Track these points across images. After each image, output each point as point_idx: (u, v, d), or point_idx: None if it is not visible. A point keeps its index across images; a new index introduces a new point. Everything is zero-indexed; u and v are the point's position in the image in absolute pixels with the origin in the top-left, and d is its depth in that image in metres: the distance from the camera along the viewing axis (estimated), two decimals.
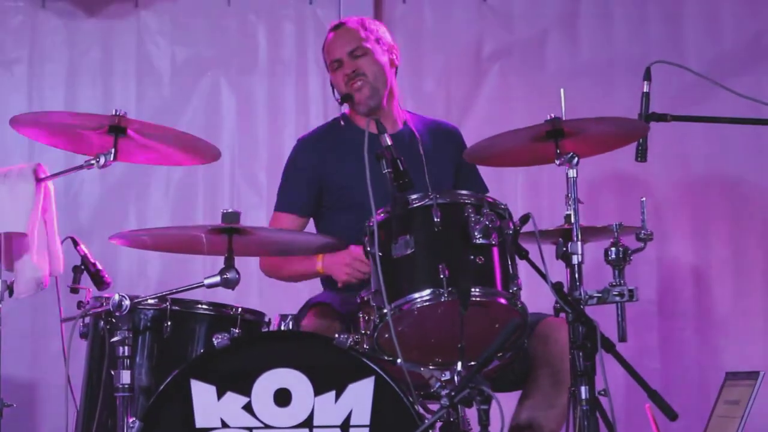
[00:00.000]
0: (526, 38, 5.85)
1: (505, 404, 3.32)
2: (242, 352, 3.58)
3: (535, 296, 3.76)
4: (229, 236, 3.67)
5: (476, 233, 3.54)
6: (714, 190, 5.72)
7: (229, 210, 3.63)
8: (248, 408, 3.52)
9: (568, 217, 3.73)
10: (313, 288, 4.54)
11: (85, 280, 4.08)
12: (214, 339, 3.54)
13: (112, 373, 3.62)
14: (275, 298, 5.07)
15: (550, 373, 3.94)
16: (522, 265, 3.64)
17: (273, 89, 5.81)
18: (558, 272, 3.64)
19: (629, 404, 5.03)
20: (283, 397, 3.52)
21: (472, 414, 3.40)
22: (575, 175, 3.67)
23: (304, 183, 4.43)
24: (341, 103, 4.43)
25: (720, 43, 5.77)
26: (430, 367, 3.62)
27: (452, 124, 4.70)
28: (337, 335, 3.54)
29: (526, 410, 3.98)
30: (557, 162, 3.69)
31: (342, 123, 4.48)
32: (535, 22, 5.85)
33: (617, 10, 5.84)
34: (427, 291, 3.51)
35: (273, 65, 5.83)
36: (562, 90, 3.80)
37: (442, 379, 3.47)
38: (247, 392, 3.52)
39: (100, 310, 3.74)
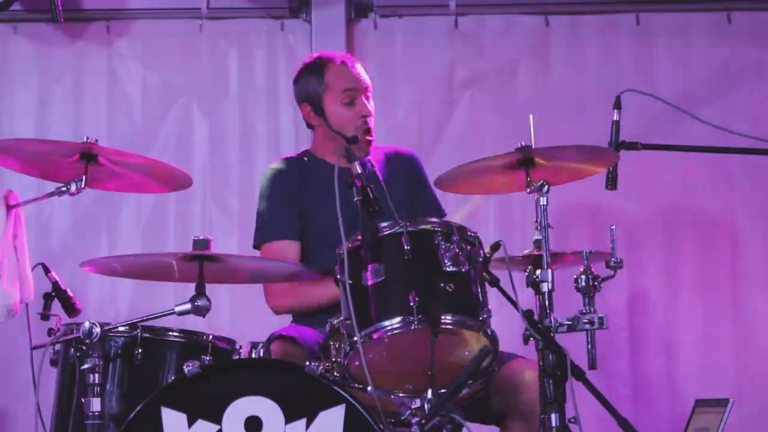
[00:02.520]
0: (498, 66, 5.87)
1: None
2: (213, 379, 3.55)
3: (506, 324, 3.76)
4: (200, 263, 3.67)
5: (446, 261, 3.54)
6: (683, 218, 5.74)
7: (200, 237, 3.63)
8: None
9: (537, 242, 3.74)
10: (282, 319, 4.50)
11: (56, 307, 4.06)
12: (184, 366, 3.52)
13: (83, 400, 3.61)
14: (246, 326, 5.07)
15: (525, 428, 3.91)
16: (492, 293, 3.65)
17: (245, 115, 5.81)
18: (528, 299, 3.65)
19: None
20: (253, 425, 3.50)
21: None
22: (546, 203, 3.68)
23: (293, 206, 4.31)
24: (349, 143, 4.10)
25: (690, 72, 5.80)
26: (401, 395, 3.62)
27: (407, 150, 4.56)
28: (307, 363, 3.52)
29: None
30: (528, 190, 3.70)
31: (306, 159, 4.40)
32: (507, 50, 5.86)
33: (588, 39, 5.86)
34: (398, 319, 3.50)
35: (245, 91, 5.84)
36: (531, 117, 3.81)
37: (413, 406, 3.47)
38: (217, 420, 3.50)
39: (70, 337, 3.73)
